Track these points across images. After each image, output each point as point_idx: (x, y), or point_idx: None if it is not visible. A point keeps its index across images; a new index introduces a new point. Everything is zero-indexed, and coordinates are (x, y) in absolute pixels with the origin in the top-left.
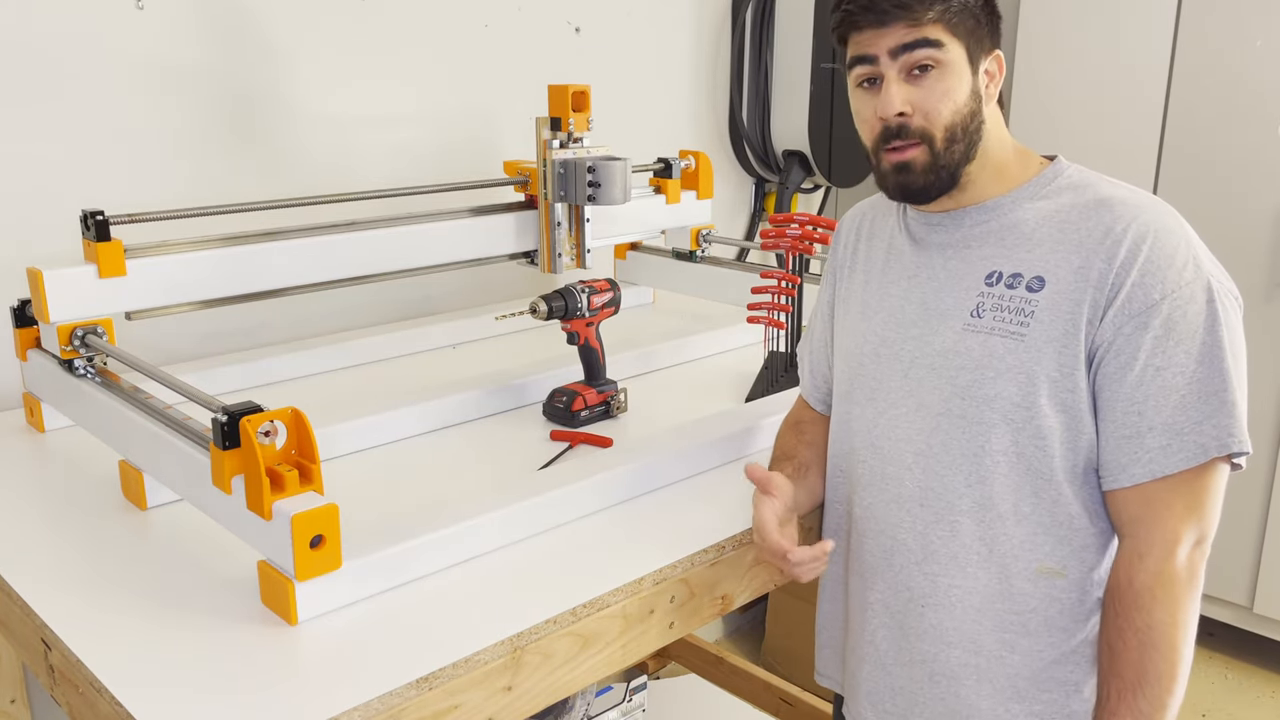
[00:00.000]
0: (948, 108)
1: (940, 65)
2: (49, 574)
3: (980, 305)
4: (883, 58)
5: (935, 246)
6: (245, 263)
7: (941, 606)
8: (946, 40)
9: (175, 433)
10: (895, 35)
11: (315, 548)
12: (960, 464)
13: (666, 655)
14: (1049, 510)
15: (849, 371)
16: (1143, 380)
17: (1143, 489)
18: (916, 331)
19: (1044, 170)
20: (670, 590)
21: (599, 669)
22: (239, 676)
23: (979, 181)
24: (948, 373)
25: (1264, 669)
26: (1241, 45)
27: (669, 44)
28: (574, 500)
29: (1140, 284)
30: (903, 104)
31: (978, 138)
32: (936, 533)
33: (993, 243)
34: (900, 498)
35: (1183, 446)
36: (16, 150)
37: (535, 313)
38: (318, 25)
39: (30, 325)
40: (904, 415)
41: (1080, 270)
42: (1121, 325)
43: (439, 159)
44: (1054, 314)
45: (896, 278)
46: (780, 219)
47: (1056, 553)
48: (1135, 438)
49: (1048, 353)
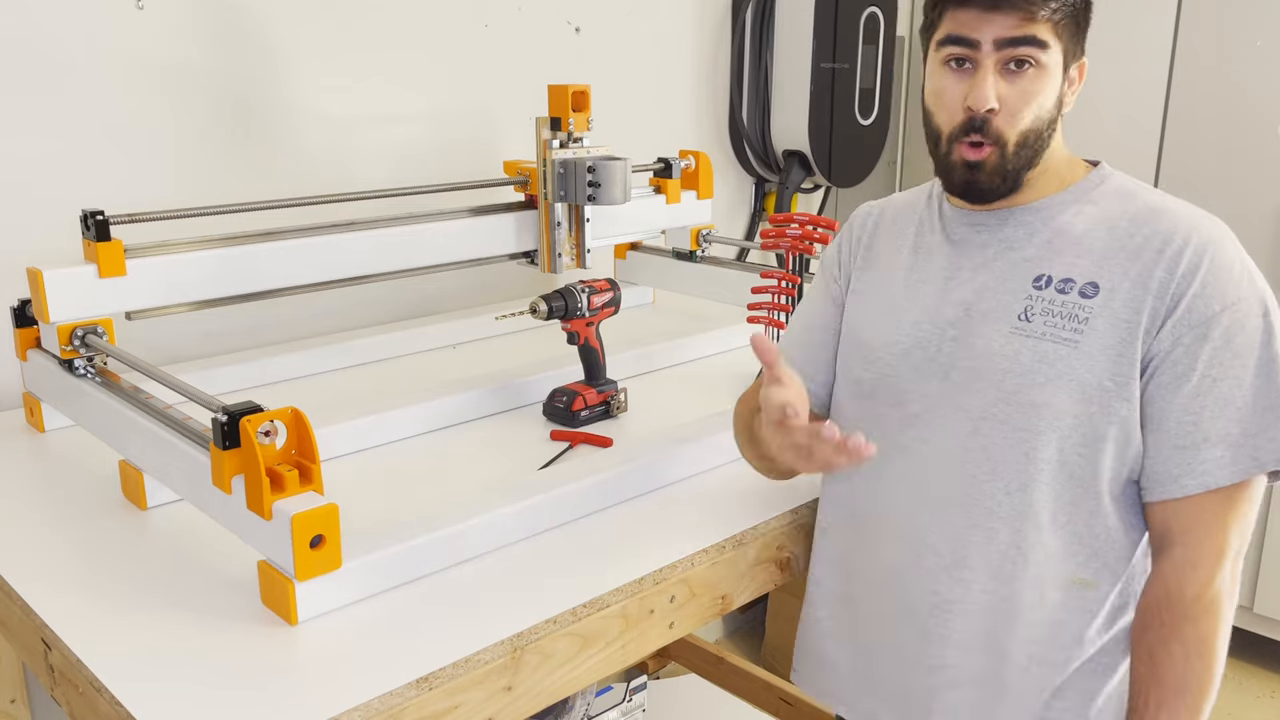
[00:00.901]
0: (1032, 112)
1: (1039, 67)
2: (49, 574)
3: (1029, 309)
4: (985, 45)
5: (976, 246)
6: (245, 263)
7: (970, 613)
8: (1052, 41)
9: (175, 433)
10: (1005, 24)
11: (315, 548)
12: (1001, 470)
13: (666, 655)
14: (1086, 521)
15: (872, 372)
16: (1199, 391)
17: (1195, 500)
18: (955, 333)
19: (1089, 175)
20: (670, 590)
21: (599, 669)
22: (239, 676)
23: (1034, 185)
24: (993, 376)
25: (1264, 669)
26: (1241, 46)
27: (669, 44)
28: (574, 500)
29: (1201, 295)
30: (995, 99)
31: (1047, 144)
32: (972, 538)
33: (1038, 245)
34: (932, 501)
35: (1237, 459)
36: (16, 150)
37: (535, 313)
38: (318, 25)
39: (30, 325)
40: (940, 418)
41: (1139, 278)
42: (1181, 336)
43: (439, 159)
44: (1111, 322)
45: (929, 277)
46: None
47: (1090, 564)
48: (1190, 449)
49: (1102, 361)
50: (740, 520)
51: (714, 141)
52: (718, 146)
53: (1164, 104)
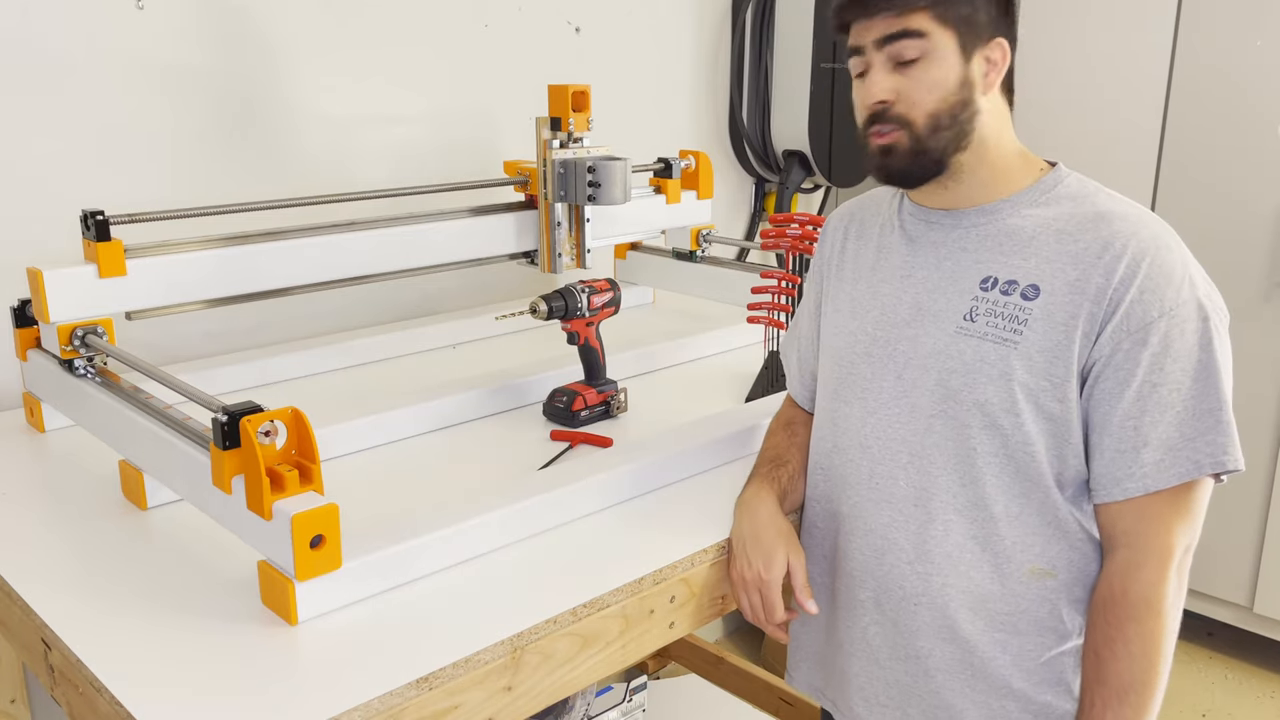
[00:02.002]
0: (932, 97)
1: (925, 56)
2: (49, 574)
3: (974, 309)
4: (869, 47)
5: (930, 245)
6: (245, 263)
7: (935, 605)
8: (933, 30)
9: (175, 433)
10: (880, 26)
11: (315, 548)
12: (953, 465)
13: (666, 655)
14: (1038, 512)
15: (838, 370)
16: (1140, 396)
17: (1136, 503)
18: (910, 332)
19: (1044, 176)
20: (670, 590)
21: (599, 669)
22: (239, 676)
23: (977, 176)
24: (939, 375)
25: (1264, 669)
26: (1241, 46)
27: (669, 44)
28: (574, 500)
29: (1139, 301)
30: (884, 92)
31: (969, 127)
32: (930, 533)
33: (989, 247)
34: (892, 497)
35: (1177, 462)
36: (16, 150)
37: (535, 313)
38: (318, 25)
39: (30, 325)
40: (896, 416)
41: (1077, 283)
42: (1120, 341)
43: (439, 159)
44: (1048, 324)
45: (888, 276)
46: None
47: (1047, 553)
48: (1130, 452)
49: (1038, 362)
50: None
51: (714, 141)
52: (718, 146)
53: (1164, 104)
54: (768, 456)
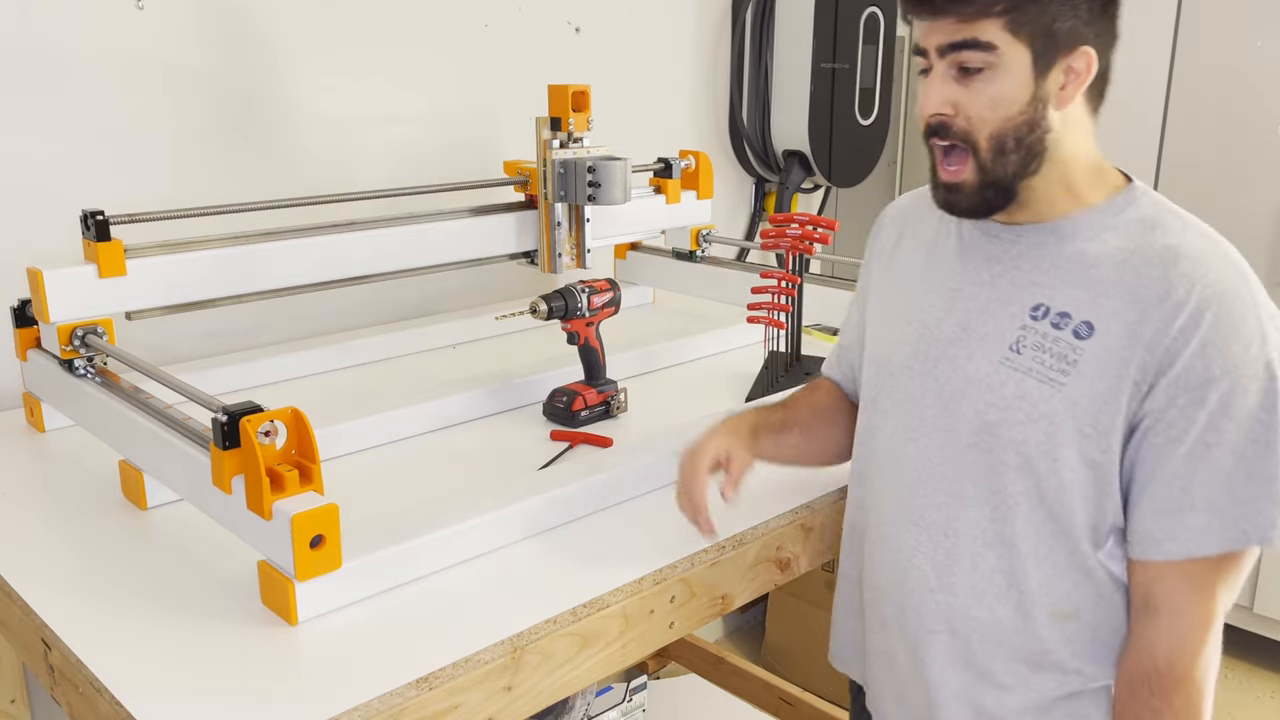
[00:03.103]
0: (995, 115)
1: (991, 69)
2: (49, 574)
3: (1021, 340)
4: (932, 52)
5: (984, 259)
6: (245, 263)
7: (956, 635)
8: (1003, 42)
9: (175, 433)
10: (945, 30)
11: (315, 548)
12: (985, 498)
13: (666, 655)
14: (1067, 556)
15: (877, 379)
16: (1191, 456)
17: (1178, 566)
18: (953, 351)
19: (1116, 196)
20: (670, 590)
21: (599, 669)
22: (239, 676)
23: (1042, 196)
24: (977, 406)
25: (1264, 669)
26: (1241, 45)
27: (669, 44)
28: (574, 500)
29: (1200, 355)
30: (942, 104)
31: (1040, 148)
32: (956, 563)
33: (1046, 269)
34: (921, 521)
35: (1224, 529)
36: (16, 150)
37: (535, 313)
38: (318, 25)
39: (30, 325)
40: (932, 437)
41: (1133, 326)
42: (1175, 397)
43: (439, 159)
44: (1099, 369)
45: (936, 287)
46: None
47: (1072, 596)
48: (1176, 514)
49: (1084, 408)
50: (740, 520)
51: (714, 141)
52: (718, 146)
53: (1164, 104)
54: (783, 401)
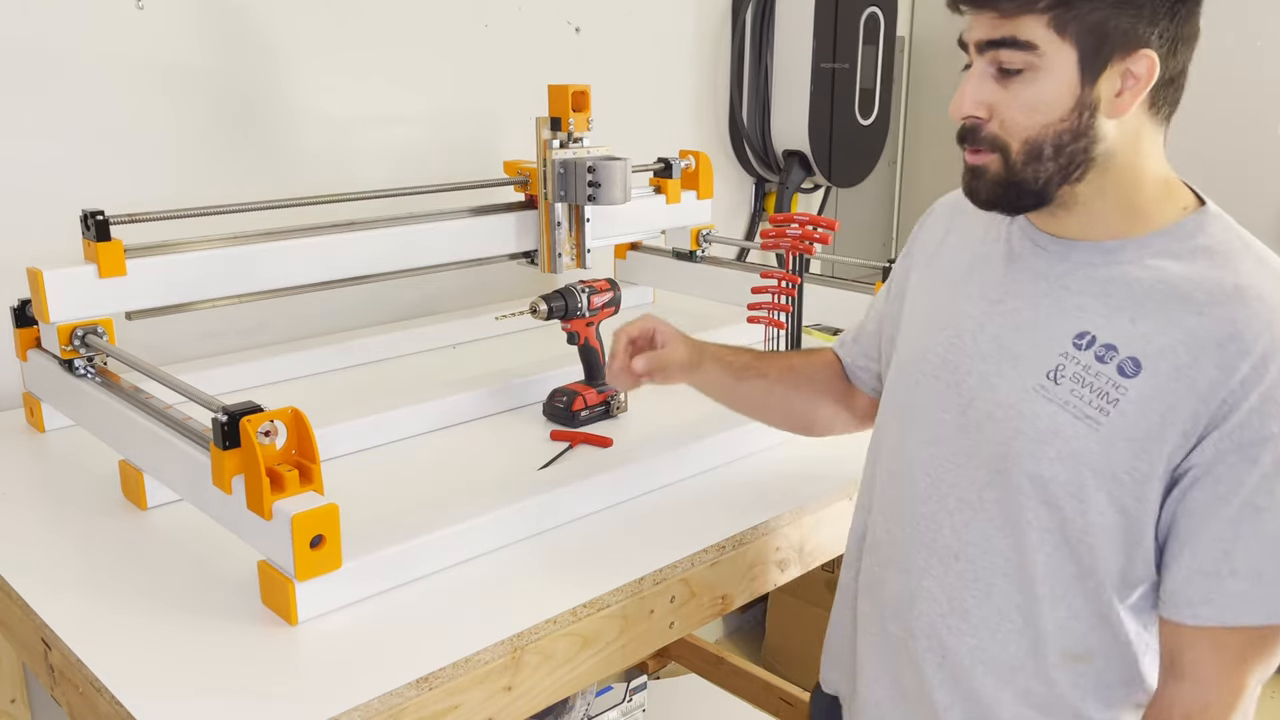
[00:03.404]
0: (1032, 120)
1: (1032, 70)
2: (49, 574)
3: (1060, 368)
4: (972, 48)
5: (1031, 273)
6: (245, 263)
7: (962, 666)
8: (1047, 41)
9: (175, 433)
10: (984, 25)
11: (315, 548)
12: (1007, 529)
13: (666, 655)
14: (1085, 600)
15: (901, 384)
16: (1238, 519)
17: (1211, 633)
18: (984, 367)
19: (1185, 219)
20: (670, 590)
21: (599, 669)
22: (239, 676)
23: (1100, 207)
24: (1004, 433)
25: None
26: (1241, 45)
27: (669, 44)
28: (574, 500)
29: (1259, 411)
30: (975, 106)
31: (1085, 157)
32: (971, 591)
33: (1095, 292)
34: (933, 543)
35: (1266, 599)
36: (16, 150)
37: (535, 313)
38: (318, 25)
39: (30, 325)
40: (953, 456)
41: (1185, 371)
42: (1226, 453)
43: (439, 159)
44: (1142, 411)
45: (975, 295)
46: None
47: (1086, 640)
48: (1215, 576)
49: (1121, 450)
50: (740, 520)
51: (714, 141)
52: (718, 146)
53: None
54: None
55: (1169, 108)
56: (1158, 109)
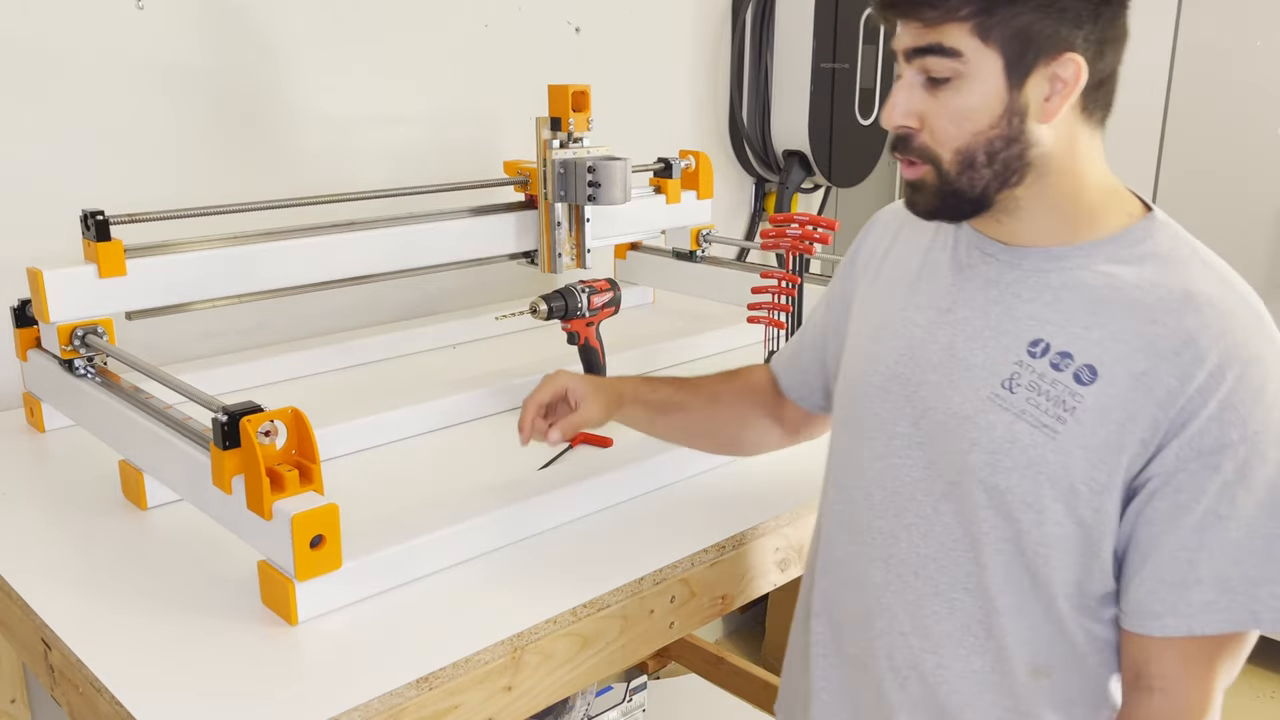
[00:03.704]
0: (962, 130)
1: (959, 78)
2: (49, 574)
3: (1015, 377)
4: (901, 56)
5: (981, 281)
6: (245, 263)
7: (926, 683)
8: (971, 48)
9: (175, 433)
10: (910, 34)
11: (315, 548)
12: (960, 540)
13: (666, 655)
14: (1044, 612)
15: (850, 399)
16: (1201, 527)
17: (1177, 644)
18: (935, 378)
19: (1132, 225)
20: (670, 590)
21: (599, 669)
22: (239, 676)
23: (1042, 213)
24: (960, 443)
25: (1264, 669)
26: (1242, 45)
27: (669, 44)
28: (574, 500)
29: (1218, 419)
30: (905, 116)
31: (1020, 163)
32: (932, 607)
33: (1048, 299)
34: (890, 559)
35: (1231, 607)
36: (16, 150)
37: (535, 313)
38: (318, 25)
39: (30, 325)
40: (909, 469)
41: (1143, 378)
42: (1187, 461)
43: (439, 159)
44: (1099, 419)
45: (924, 305)
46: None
47: (1045, 653)
48: (1179, 587)
49: (1079, 460)
50: (740, 520)
51: (714, 141)
52: (718, 146)
53: (1164, 104)
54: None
55: (1102, 111)
56: (1090, 113)
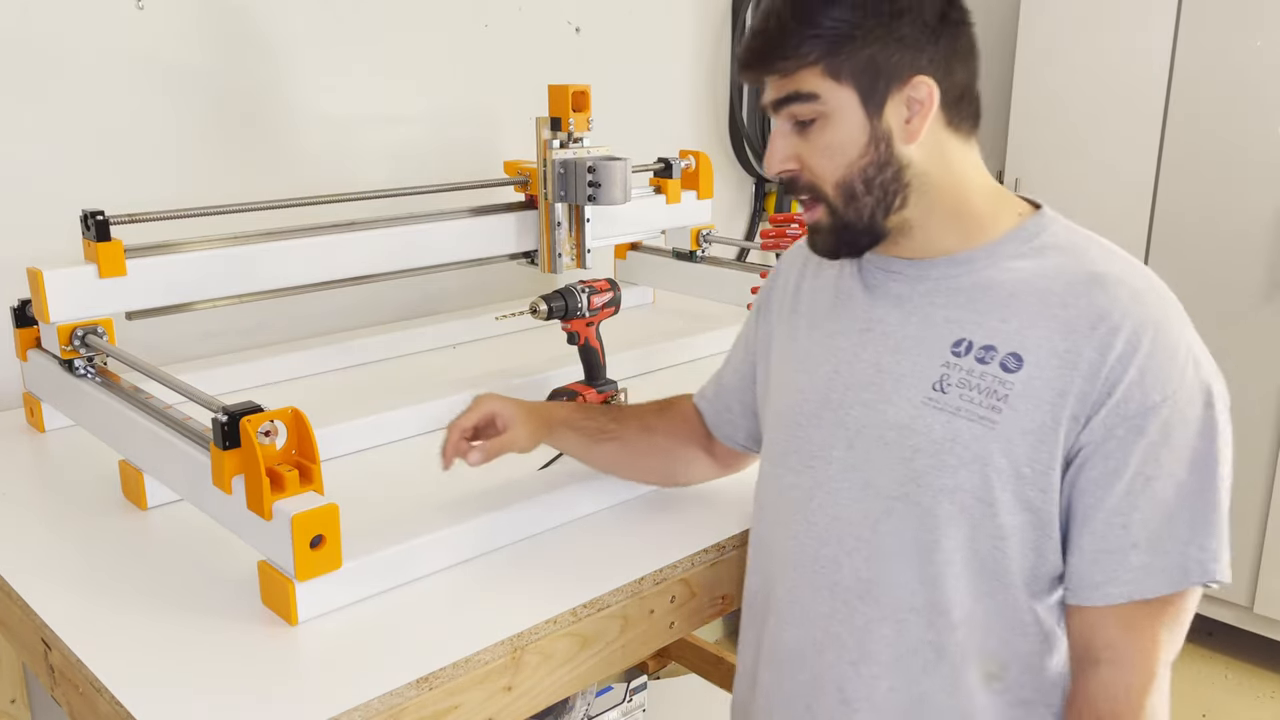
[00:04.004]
0: (835, 163)
1: (822, 118)
2: (49, 574)
3: (945, 378)
4: (770, 110)
5: (892, 298)
6: (245, 263)
7: (878, 710)
8: (825, 89)
9: (175, 433)
10: (773, 88)
11: (315, 548)
12: (911, 556)
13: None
14: (998, 612)
15: (784, 432)
16: (1131, 490)
17: (1121, 610)
18: (867, 396)
19: (1026, 221)
20: (670, 590)
21: (599, 669)
22: (239, 676)
23: (929, 227)
24: (902, 452)
25: (1264, 669)
26: (1242, 45)
27: (669, 44)
28: (574, 500)
29: (1139, 383)
30: (785, 160)
31: (898, 185)
32: (880, 631)
33: (961, 303)
34: (836, 585)
35: (1165, 568)
36: (16, 150)
37: (535, 313)
38: (318, 25)
39: (30, 325)
40: (847, 492)
41: (1066, 355)
42: (1114, 428)
43: (439, 159)
44: (1032, 402)
45: (845, 329)
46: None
47: (1000, 654)
48: (1117, 553)
49: (1020, 445)
50: (740, 520)
51: (714, 141)
52: (718, 146)
53: (1164, 104)
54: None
55: (969, 122)
56: (957, 126)
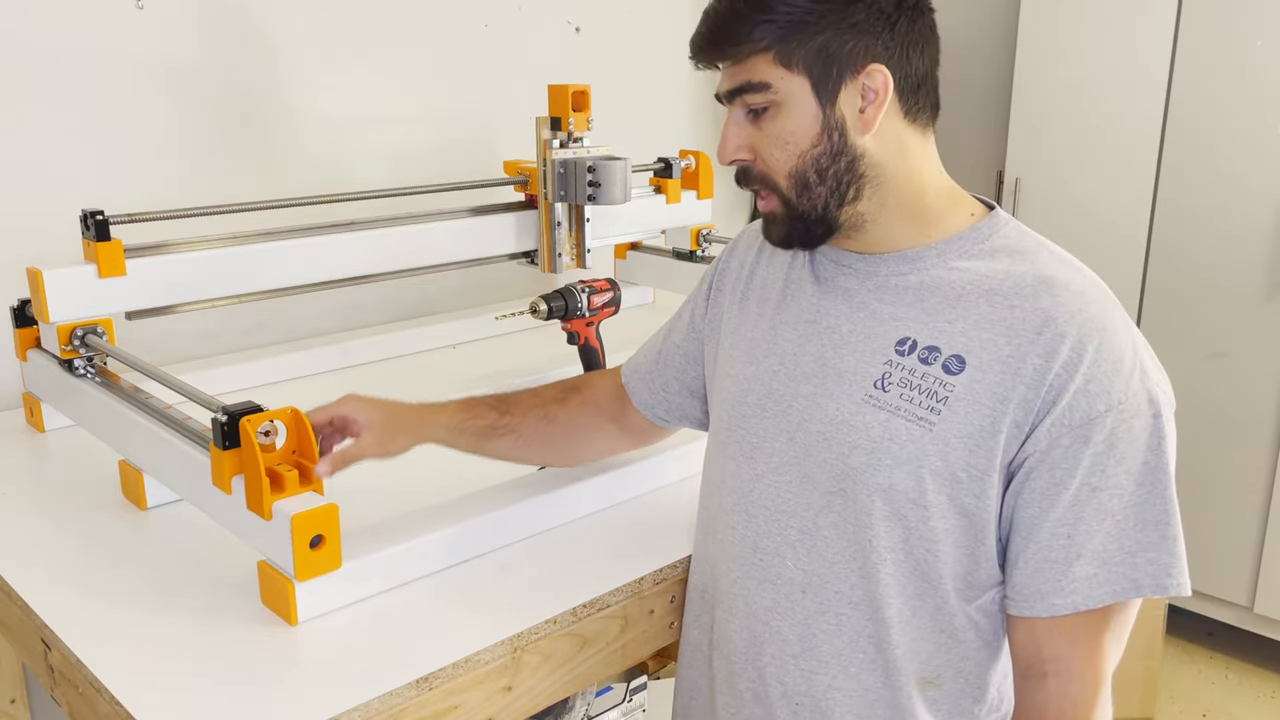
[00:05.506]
0: (788, 152)
1: (774, 106)
2: (49, 574)
3: (887, 376)
4: (724, 100)
5: (841, 292)
6: (245, 263)
7: (818, 708)
8: (777, 77)
9: (175, 433)
10: (726, 76)
11: (315, 548)
12: (850, 552)
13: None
14: (931, 617)
15: (727, 422)
16: (1077, 500)
17: (1065, 622)
18: (809, 389)
19: (978, 223)
20: (670, 590)
21: (599, 669)
22: (239, 676)
23: (882, 222)
24: (839, 448)
25: (1264, 669)
26: (1242, 45)
27: (669, 44)
28: (574, 500)
29: (1084, 392)
30: (737, 150)
31: (852, 176)
32: (820, 625)
33: (909, 301)
34: (778, 579)
35: (1111, 578)
36: (16, 150)
37: (535, 313)
38: (317, 25)
39: (30, 325)
40: (788, 485)
41: (1009, 361)
42: (1059, 437)
43: (439, 159)
44: (972, 405)
45: (793, 320)
46: None
47: (934, 661)
48: (1062, 564)
49: (957, 449)
50: None
51: (714, 141)
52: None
53: (1164, 104)
54: (513, 394)
55: (927, 113)
56: (914, 117)
